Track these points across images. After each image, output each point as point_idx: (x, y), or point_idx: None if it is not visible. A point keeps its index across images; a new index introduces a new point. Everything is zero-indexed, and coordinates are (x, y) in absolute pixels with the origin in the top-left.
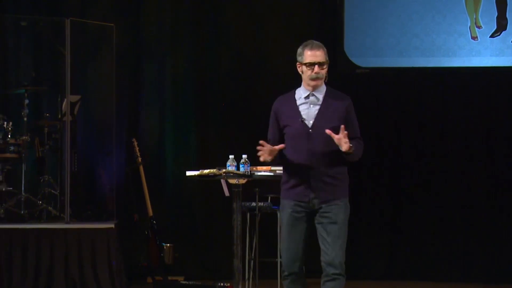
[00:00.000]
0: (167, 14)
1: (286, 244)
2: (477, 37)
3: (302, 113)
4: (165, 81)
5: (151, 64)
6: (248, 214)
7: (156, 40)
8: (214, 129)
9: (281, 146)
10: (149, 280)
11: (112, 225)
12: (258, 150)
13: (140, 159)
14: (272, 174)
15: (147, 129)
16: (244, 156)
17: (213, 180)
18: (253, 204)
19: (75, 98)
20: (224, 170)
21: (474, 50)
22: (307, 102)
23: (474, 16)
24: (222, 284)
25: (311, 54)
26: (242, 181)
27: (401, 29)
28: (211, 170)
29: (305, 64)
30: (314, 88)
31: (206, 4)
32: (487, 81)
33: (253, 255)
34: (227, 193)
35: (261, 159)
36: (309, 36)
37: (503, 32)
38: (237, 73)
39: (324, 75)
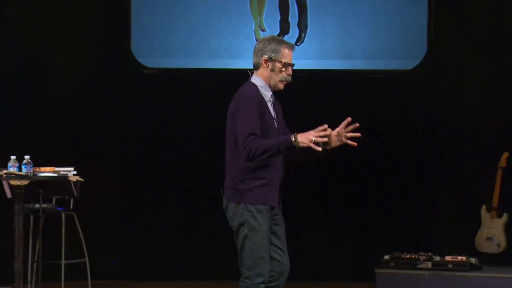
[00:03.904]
0: None
1: (267, 253)
2: None
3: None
4: None
5: None
6: (32, 216)
7: None
8: None
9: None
10: None
11: None
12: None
13: None
14: (56, 175)
15: None
16: (27, 156)
17: None
18: (37, 205)
19: None
20: (5, 171)
21: None
22: (270, 101)
23: (259, 19)
24: None
25: (290, 54)
26: (25, 182)
27: (189, 31)
28: None
29: (281, 62)
30: (278, 89)
31: None
32: None
33: (36, 257)
34: (9, 195)
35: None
36: (96, 36)
37: (286, 35)
38: (22, 73)
39: None
